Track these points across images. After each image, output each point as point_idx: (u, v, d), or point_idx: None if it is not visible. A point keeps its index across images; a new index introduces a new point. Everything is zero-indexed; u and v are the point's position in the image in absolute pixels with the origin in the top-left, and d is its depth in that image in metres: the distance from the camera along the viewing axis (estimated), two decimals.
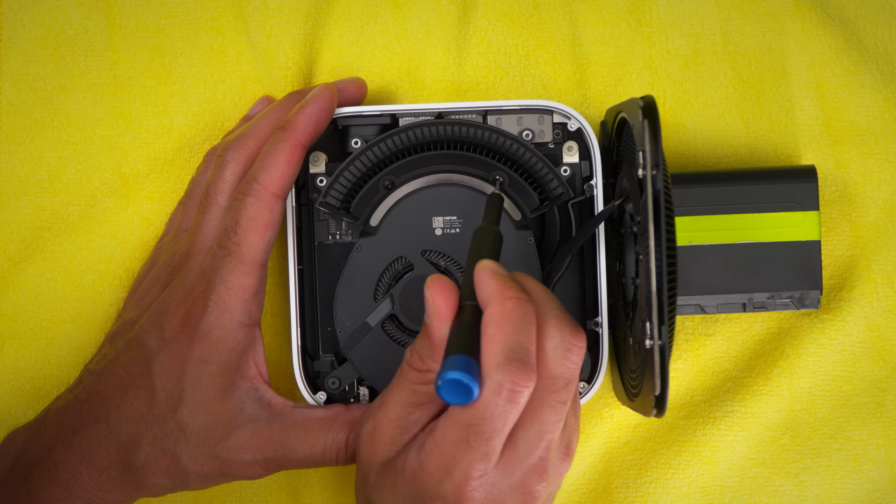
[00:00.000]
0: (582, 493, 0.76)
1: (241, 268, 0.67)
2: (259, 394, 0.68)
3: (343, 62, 0.77)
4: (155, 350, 0.67)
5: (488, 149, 0.71)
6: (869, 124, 0.76)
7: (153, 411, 0.67)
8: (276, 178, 0.67)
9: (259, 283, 0.67)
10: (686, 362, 0.76)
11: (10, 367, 0.76)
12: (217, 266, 0.67)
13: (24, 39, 0.77)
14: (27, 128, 0.77)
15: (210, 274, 0.67)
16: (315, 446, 0.67)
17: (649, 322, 0.63)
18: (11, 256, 0.77)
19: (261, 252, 0.67)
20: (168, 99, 0.77)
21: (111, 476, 0.67)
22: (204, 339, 0.66)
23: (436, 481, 0.59)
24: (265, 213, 0.67)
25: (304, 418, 0.68)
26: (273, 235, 0.68)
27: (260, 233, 0.67)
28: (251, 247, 0.67)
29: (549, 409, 0.58)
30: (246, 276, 0.67)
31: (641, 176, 0.64)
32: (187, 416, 0.66)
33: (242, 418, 0.67)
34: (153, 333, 0.67)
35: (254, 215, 0.67)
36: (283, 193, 0.68)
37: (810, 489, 0.76)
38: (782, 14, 0.77)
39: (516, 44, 0.77)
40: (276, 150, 0.68)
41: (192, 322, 0.67)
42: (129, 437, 0.67)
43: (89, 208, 0.77)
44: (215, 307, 0.66)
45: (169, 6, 0.78)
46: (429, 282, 0.59)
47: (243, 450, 0.67)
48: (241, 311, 0.67)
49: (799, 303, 0.73)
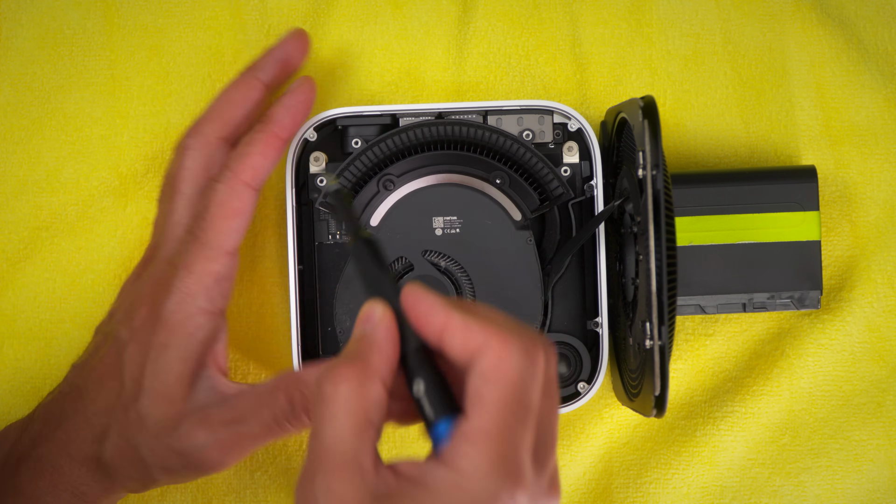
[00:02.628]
0: (582, 493, 0.76)
1: (206, 253, 0.66)
2: (213, 383, 0.66)
3: (343, 62, 0.77)
4: (125, 340, 0.67)
5: (488, 149, 0.71)
6: (869, 124, 0.76)
7: (121, 401, 0.66)
8: (247, 166, 0.67)
9: (224, 271, 0.66)
10: (686, 362, 0.76)
11: (9, 366, 0.76)
12: (182, 251, 0.66)
13: (21, 39, 0.77)
14: (25, 127, 0.77)
15: (175, 260, 0.67)
16: (264, 416, 0.64)
17: (649, 322, 0.63)
18: (10, 256, 0.77)
19: (227, 239, 0.66)
20: (166, 98, 0.77)
21: (89, 469, 0.67)
22: (165, 324, 0.66)
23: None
24: (234, 200, 0.66)
25: (252, 391, 0.65)
26: (242, 224, 0.67)
27: (227, 219, 0.66)
28: (217, 233, 0.66)
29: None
30: (209, 261, 0.66)
31: (641, 176, 0.64)
32: (146, 406, 0.65)
33: (193, 405, 0.65)
34: (125, 324, 0.67)
35: (222, 201, 0.66)
36: (255, 183, 0.67)
37: (810, 489, 0.76)
38: (782, 14, 0.77)
39: (516, 44, 0.77)
40: (251, 139, 0.68)
41: (156, 308, 0.66)
42: (101, 428, 0.66)
43: (87, 208, 0.77)
44: (177, 291, 0.66)
45: (166, 6, 0.78)
46: (378, 323, 0.55)
47: (195, 436, 0.64)
48: (203, 297, 0.66)
49: (799, 303, 0.73)
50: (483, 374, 0.51)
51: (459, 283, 0.71)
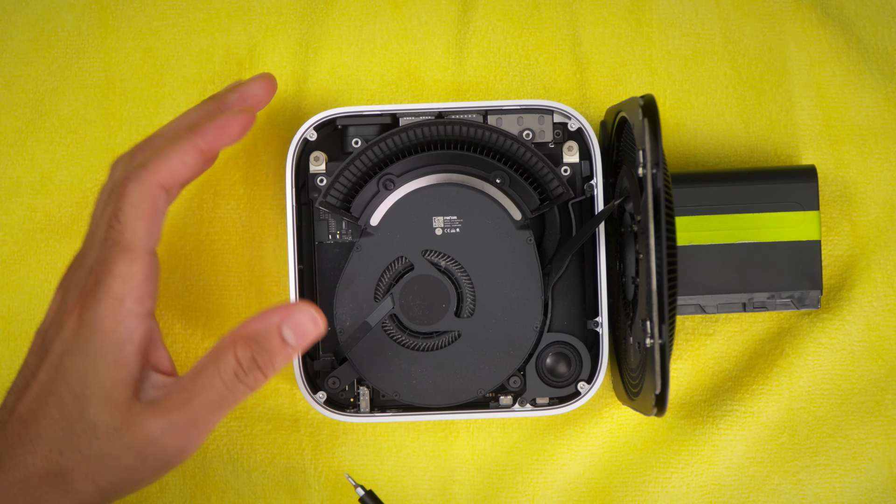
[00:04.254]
0: (582, 492, 0.76)
1: (127, 255, 0.63)
2: (153, 381, 0.64)
3: (343, 62, 0.77)
4: (59, 353, 0.64)
5: (488, 148, 0.71)
6: (869, 124, 0.77)
7: (64, 416, 0.63)
8: (164, 167, 0.64)
9: (147, 271, 0.64)
10: (686, 362, 0.77)
11: (5, 368, 0.76)
12: (105, 258, 0.64)
13: (16, 41, 0.77)
14: (19, 129, 0.77)
15: (97, 266, 0.64)
16: (214, 384, 0.63)
17: (650, 321, 0.63)
18: (4, 258, 0.76)
19: (145, 239, 0.64)
20: (160, 100, 0.77)
21: (45, 491, 0.64)
22: (97, 332, 0.63)
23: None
24: (148, 200, 0.64)
25: (195, 369, 0.64)
26: (158, 224, 0.65)
27: (143, 220, 0.64)
28: (134, 234, 0.64)
29: None
30: (132, 262, 0.63)
31: (641, 175, 0.64)
32: (94, 414, 0.63)
33: (141, 405, 0.63)
34: (56, 338, 0.64)
35: (136, 202, 0.64)
36: (168, 186, 0.65)
37: (809, 488, 0.76)
38: (782, 14, 0.77)
39: (516, 44, 0.77)
40: (172, 142, 0.65)
41: (86, 318, 0.63)
42: (49, 447, 0.64)
43: (82, 210, 0.77)
44: (104, 297, 0.63)
45: (161, 8, 0.78)
46: None
47: (151, 429, 0.63)
48: (131, 300, 0.64)
49: (799, 303, 0.73)
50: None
51: (459, 283, 0.71)
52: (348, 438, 0.77)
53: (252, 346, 0.63)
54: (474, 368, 0.71)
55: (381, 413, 0.73)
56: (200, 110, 0.70)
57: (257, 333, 0.63)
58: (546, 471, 0.77)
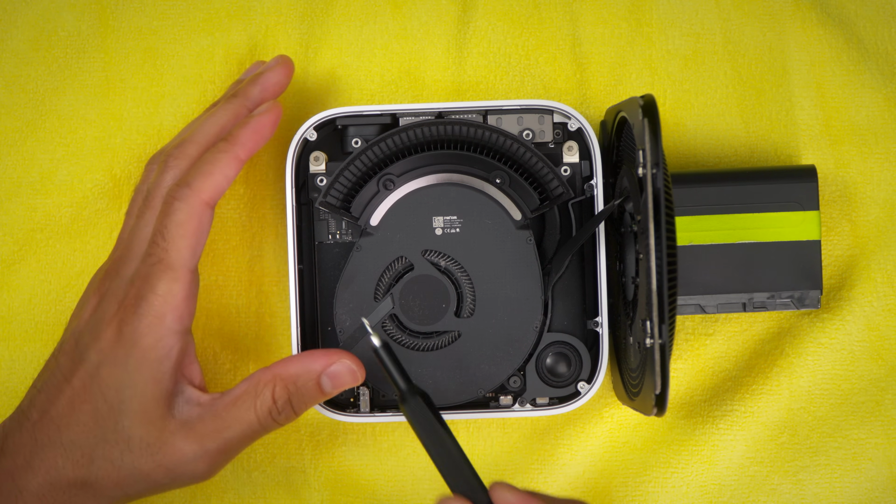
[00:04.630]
0: (582, 492, 0.76)
1: (170, 274, 0.65)
2: (188, 396, 0.66)
3: (343, 62, 0.77)
4: (95, 363, 0.66)
5: (488, 148, 0.71)
6: (869, 124, 0.77)
7: (98, 425, 0.66)
8: (208, 185, 0.66)
9: (189, 289, 0.66)
10: (686, 362, 0.77)
11: (5, 368, 0.76)
12: (147, 274, 0.66)
13: (16, 41, 0.77)
14: (19, 129, 0.77)
15: (139, 282, 0.66)
16: (248, 417, 0.66)
17: (650, 320, 0.63)
18: (4, 258, 0.76)
19: (189, 258, 0.66)
20: (159, 100, 0.77)
21: (73, 494, 0.66)
22: (136, 346, 0.65)
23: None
24: (194, 220, 0.66)
25: (231, 397, 0.66)
26: (201, 242, 0.66)
27: (188, 239, 0.66)
28: (179, 253, 0.66)
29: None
30: (175, 282, 0.65)
31: (641, 174, 0.64)
32: (128, 427, 0.65)
33: (176, 423, 0.66)
34: (93, 346, 0.66)
35: (182, 221, 0.66)
36: (213, 202, 0.67)
37: (809, 488, 0.76)
38: (782, 14, 0.77)
39: (516, 44, 0.77)
40: (213, 158, 0.67)
41: (125, 331, 0.65)
42: (81, 453, 0.66)
43: (81, 210, 0.77)
44: (146, 315, 0.65)
45: (160, 8, 0.78)
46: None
47: (183, 451, 0.66)
48: (172, 318, 0.66)
49: (799, 302, 0.73)
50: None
51: (459, 283, 0.71)
52: (348, 438, 0.77)
53: (290, 388, 0.66)
54: (474, 368, 0.71)
55: (381, 413, 0.73)
56: (228, 112, 0.70)
57: (297, 377, 0.67)
58: (546, 471, 0.77)
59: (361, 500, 0.76)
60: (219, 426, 0.66)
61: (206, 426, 0.66)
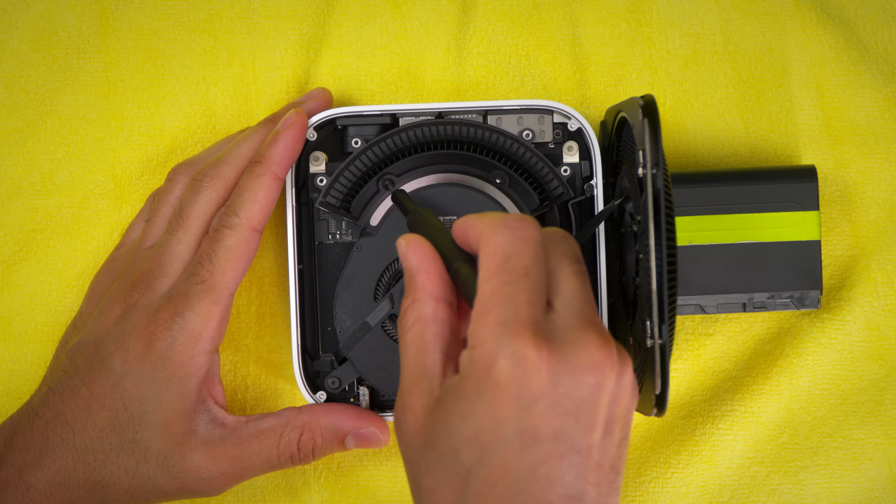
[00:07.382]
0: None
1: (212, 296, 0.67)
2: (212, 415, 0.68)
3: (343, 62, 0.77)
4: (119, 373, 0.67)
5: (488, 149, 0.71)
6: (869, 124, 0.77)
7: (116, 432, 0.67)
8: (255, 211, 0.68)
9: (225, 312, 0.68)
10: (686, 362, 0.77)
11: (5, 369, 0.76)
12: (188, 293, 0.67)
13: (16, 41, 0.77)
14: (20, 130, 0.77)
15: (178, 299, 0.67)
16: (269, 453, 0.68)
17: (650, 321, 0.63)
18: (5, 259, 0.76)
19: (232, 282, 0.68)
20: (160, 101, 0.77)
21: (81, 496, 0.67)
22: (167, 362, 0.66)
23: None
24: (242, 246, 0.68)
25: (257, 429, 0.69)
26: (246, 267, 0.68)
27: (234, 263, 0.67)
28: (224, 276, 0.67)
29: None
30: (215, 304, 0.67)
31: (641, 175, 0.64)
32: (148, 438, 0.67)
33: (197, 440, 0.67)
34: (117, 355, 0.67)
35: (232, 247, 0.67)
36: (262, 227, 0.69)
37: (809, 488, 0.76)
38: (782, 14, 0.77)
39: (516, 44, 0.77)
40: (255, 184, 0.68)
41: (156, 346, 0.66)
42: (94, 457, 0.67)
43: (82, 210, 0.77)
44: (181, 333, 0.66)
45: (162, 8, 0.78)
46: (407, 250, 0.61)
47: (200, 469, 0.67)
48: (206, 338, 0.67)
49: (799, 303, 0.73)
50: (481, 256, 0.58)
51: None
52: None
53: (317, 438, 0.70)
54: None
55: (381, 413, 0.73)
56: (262, 135, 0.71)
57: (325, 429, 0.70)
58: None
59: (361, 501, 0.76)
60: (239, 453, 0.68)
61: (227, 450, 0.68)
